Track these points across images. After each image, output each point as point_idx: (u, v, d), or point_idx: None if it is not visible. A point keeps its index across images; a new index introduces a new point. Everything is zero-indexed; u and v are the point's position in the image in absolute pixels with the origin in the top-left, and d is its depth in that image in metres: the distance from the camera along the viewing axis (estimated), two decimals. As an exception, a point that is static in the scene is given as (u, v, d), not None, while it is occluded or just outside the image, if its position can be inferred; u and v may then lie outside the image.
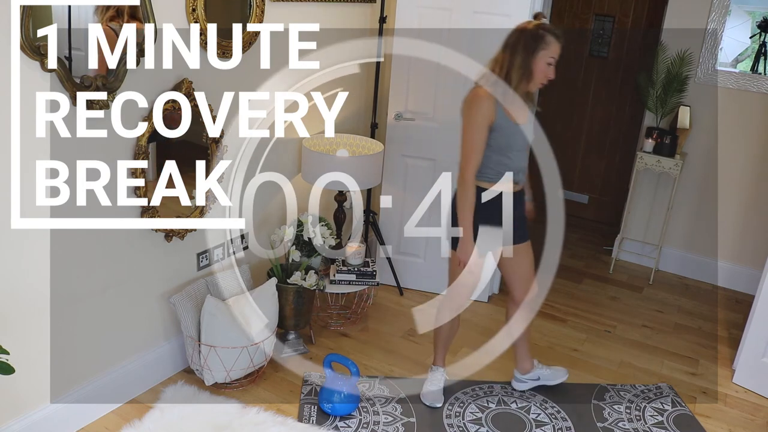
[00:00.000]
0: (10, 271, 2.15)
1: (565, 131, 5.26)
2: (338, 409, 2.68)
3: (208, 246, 2.93)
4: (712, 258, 4.32)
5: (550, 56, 2.41)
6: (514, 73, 2.41)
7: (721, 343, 3.59)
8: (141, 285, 2.65)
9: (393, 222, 3.79)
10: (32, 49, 1.99)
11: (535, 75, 2.43)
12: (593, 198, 5.36)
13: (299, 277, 3.00)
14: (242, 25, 2.76)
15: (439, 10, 3.37)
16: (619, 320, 3.77)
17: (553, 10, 4.95)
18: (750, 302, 3.30)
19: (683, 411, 2.94)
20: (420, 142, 3.61)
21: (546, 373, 2.97)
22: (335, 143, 3.48)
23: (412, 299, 3.76)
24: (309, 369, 3.01)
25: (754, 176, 4.09)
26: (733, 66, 4.11)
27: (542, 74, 2.43)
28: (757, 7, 4.03)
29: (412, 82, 3.53)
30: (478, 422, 2.74)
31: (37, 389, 2.35)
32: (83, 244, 2.37)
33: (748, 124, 4.04)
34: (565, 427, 2.75)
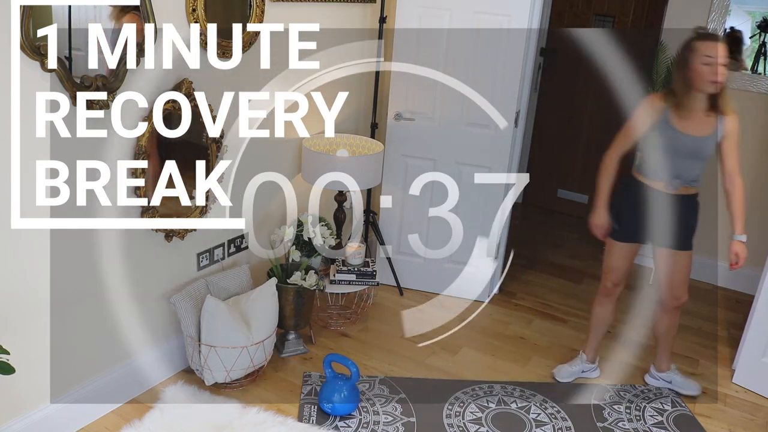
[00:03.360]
0: (10, 271, 2.15)
1: (565, 131, 5.26)
2: (338, 409, 2.68)
3: (208, 246, 2.93)
4: (712, 258, 4.32)
5: (703, 56, 2.50)
6: (677, 83, 2.61)
7: (721, 343, 3.59)
8: (141, 285, 2.65)
9: (393, 222, 3.79)
10: (32, 49, 1.99)
11: (694, 80, 2.54)
12: (593, 198, 5.35)
13: (299, 277, 2.99)
14: (242, 25, 2.76)
15: (439, 10, 3.37)
16: (619, 320, 3.77)
17: (553, 10, 4.96)
18: (750, 302, 3.30)
19: (683, 411, 2.94)
20: (420, 142, 3.61)
21: (679, 381, 3.07)
22: (335, 143, 3.48)
23: (412, 299, 3.76)
24: (309, 369, 3.01)
25: (754, 176, 4.09)
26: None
27: (701, 77, 2.52)
28: (757, 7, 4.03)
29: (412, 82, 3.53)
30: (478, 422, 2.74)
31: (37, 389, 2.35)
32: (83, 244, 2.37)
33: (748, 124, 4.04)
34: (565, 427, 2.75)
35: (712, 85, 2.52)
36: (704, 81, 2.52)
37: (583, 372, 3.12)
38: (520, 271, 4.17)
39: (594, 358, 3.15)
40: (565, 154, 5.20)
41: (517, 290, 3.98)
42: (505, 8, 3.30)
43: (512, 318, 3.66)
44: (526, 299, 3.89)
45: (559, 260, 4.49)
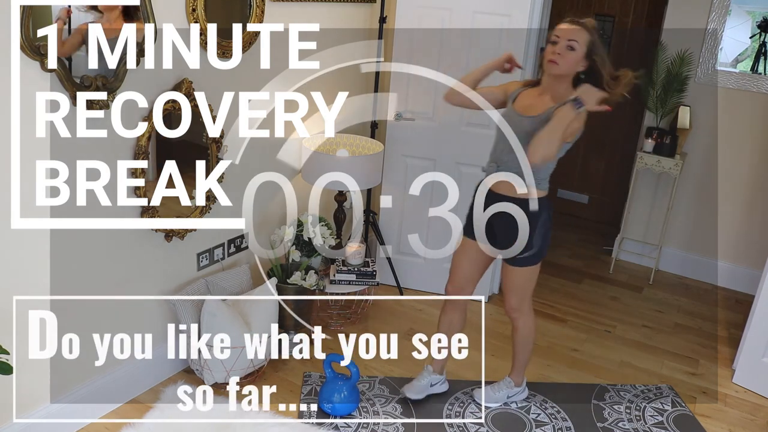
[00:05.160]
0: (10, 271, 2.15)
1: (565, 131, 5.26)
2: (338, 409, 2.68)
3: (208, 246, 2.93)
4: (712, 258, 4.32)
5: (552, 35, 2.38)
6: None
7: (721, 343, 3.59)
8: (141, 285, 2.65)
9: (393, 222, 3.79)
10: (32, 49, 1.99)
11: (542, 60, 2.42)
12: (593, 198, 5.36)
13: (299, 277, 2.99)
14: (242, 25, 2.76)
15: (439, 10, 3.37)
16: (619, 320, 3.77)
17: (553, 10, 4.95)
18: (750, 302, 3.30)
19: (683, 411, 2.93)
20: (420, 142, 3.61)
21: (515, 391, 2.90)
22: (335, 143, 3.48)
23: (412, 299, 3.76)
24: (309, 369, 3.01)
25: (754, 176, 4.09)
26: (733, 66, 4.11)
27: (544, 55, 2.39)
28: (757, 7, 4.03)
29: (412, 81, 3.53)
30: (478, 422, 2.74)
31: (37, 389, 2.35)
32: (83, 244, 2.37)
33: (748, 124, 4.04)
34: (565, 427, 2.75)
35: (549, 64, 2.35)
36: (545, 60, 2.37)
37: (432, 386, 2.85)
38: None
39: (441, 369, 2.88)
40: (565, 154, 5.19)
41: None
42: (505, 8, 3.30)
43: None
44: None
45: (559, 260, 4.49)
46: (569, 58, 2.34)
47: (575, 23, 2.37)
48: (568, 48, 2.33)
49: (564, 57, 2.34)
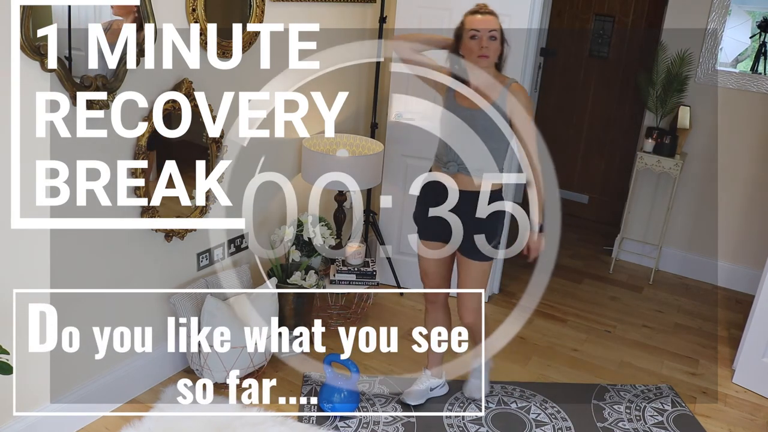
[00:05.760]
0: (10, 271, 2.15)
1: (565, 131, 5.26)
2: (338, 408, 2.68)
3: (208, 246, 2.93)
4: (712, 258, 4.32)
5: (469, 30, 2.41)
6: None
7: (721, 343, 3.59)
8: (141, 285, 2.65)
9: (393, 222, 3.78)
10: (32, 49, 1.99)
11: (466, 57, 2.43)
12: (593, 198, 5.36)
13: (299, 277, 2.99)
14: (242, 25, 2.76)
15: (439, 10, 3.36)
16: (619, 320, 3.77)
17: (553, 10, 4.96)
18: (750, 302, 3.30)
19: (683, 411, 2.94)
20: (420, 142, 3.60)
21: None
22: (335, 143, 3.48)
23: (412, 299, 3.75)
24: (309, 369, 3.01)
25: (754, 176, 4.09)
26: (733, 66, 4.11)
27: (470, 52, 2.41)
28: (757, 7, 4.03)
29: (412, 81, 3.52)
30: (478, 422, 2.74)
31: (37, 389, 2.35)
32: (83, 244, 2.37)
33: (748, 124, 4.04)
34: (565, 427, 2.75)
35: (480, 59, 2.39)
36: (473, 57, 2.40)
37: (431, 390, 2.85)
38: (520, 271, 4.17)
39: (439, 372, 2.87)
40: (565, 154, 5.20)
41: (517, 290, 3.97)
42: (505, 8, 3.28)
43: (512, 318, 3.66)
44: (526, 299, 3.89)
45: (559, 260, 4.48)
46: (494, 48, 2.42)
47: (487, 13, 2.44)
48: (491, 38, 2.41)
49: (490, 48, 2.41)
